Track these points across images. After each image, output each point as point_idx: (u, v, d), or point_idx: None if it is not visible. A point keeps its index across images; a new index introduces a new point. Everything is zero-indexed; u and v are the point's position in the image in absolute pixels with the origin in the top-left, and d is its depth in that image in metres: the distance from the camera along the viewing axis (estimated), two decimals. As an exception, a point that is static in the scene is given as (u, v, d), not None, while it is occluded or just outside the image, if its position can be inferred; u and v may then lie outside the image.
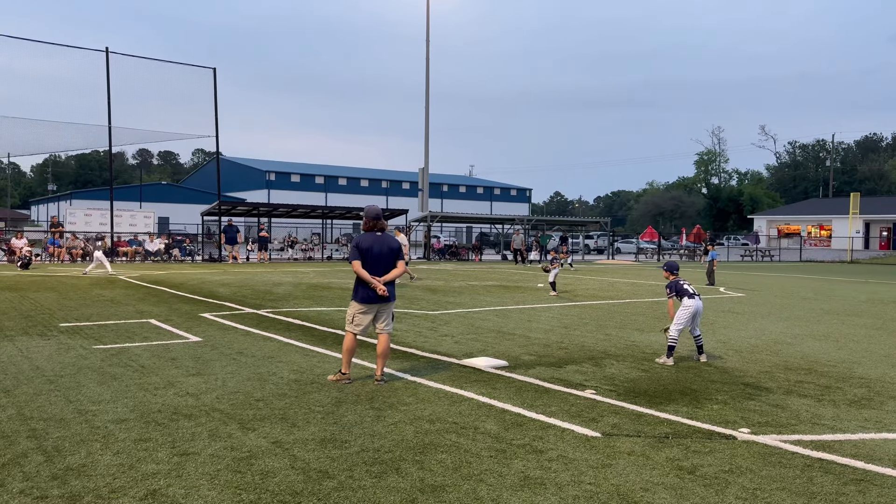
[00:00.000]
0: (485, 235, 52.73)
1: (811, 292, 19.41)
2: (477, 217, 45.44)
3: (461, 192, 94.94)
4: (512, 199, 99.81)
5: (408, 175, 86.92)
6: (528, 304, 14.61)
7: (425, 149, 39.34)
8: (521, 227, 39.06)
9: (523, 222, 41.53)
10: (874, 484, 4.31)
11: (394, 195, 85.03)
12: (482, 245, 43.85)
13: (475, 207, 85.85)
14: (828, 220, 65.71)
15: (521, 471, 4.40)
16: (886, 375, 7.71)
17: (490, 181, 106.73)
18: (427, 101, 38.98)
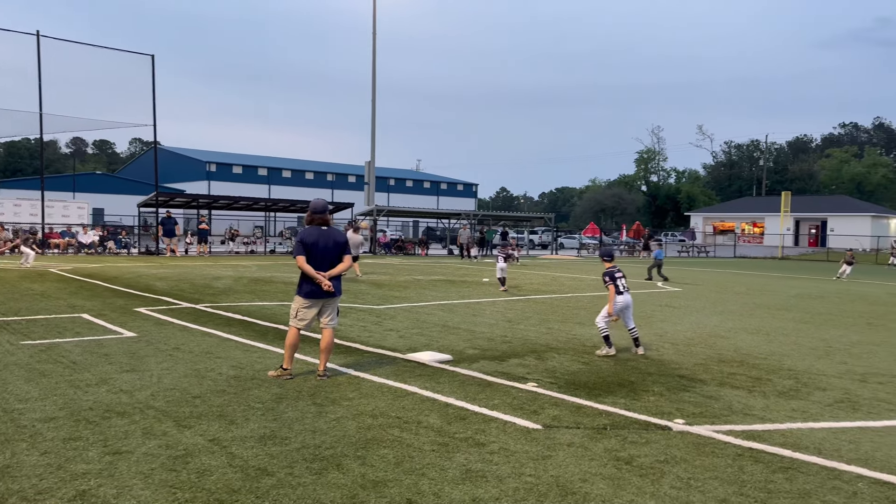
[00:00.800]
0: (431, 230, 52.79)
1: (744, 287, 20.12)
2: (423, 211, 45.45)
3: (408, 186, 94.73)
4: (458, 193, 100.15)
5: (354, 168, 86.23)
6: (473, 298, 14.69)
7: (372, 142, 39.09)
8: (468, 222, 39.24)
9: (469, 217, 41.73)
10: (800, 472, 4.50)
11: (340, 188, 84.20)
12: (428, 239, 43.89)
13: (422, 202, 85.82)
14: (760, 218, 68.26)
15: (462, 464, 4.42)
16: (813, 367, 8.05)
17: (437, 176, 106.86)
18: (373, 94, 38.71)
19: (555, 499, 3.92)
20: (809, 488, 4.20)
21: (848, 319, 12.84)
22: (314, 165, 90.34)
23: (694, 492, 4.10)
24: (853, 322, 12.45)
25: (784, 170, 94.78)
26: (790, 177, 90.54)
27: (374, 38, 38.47)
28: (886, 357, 8.87)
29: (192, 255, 30.25)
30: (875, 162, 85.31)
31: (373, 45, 38.46)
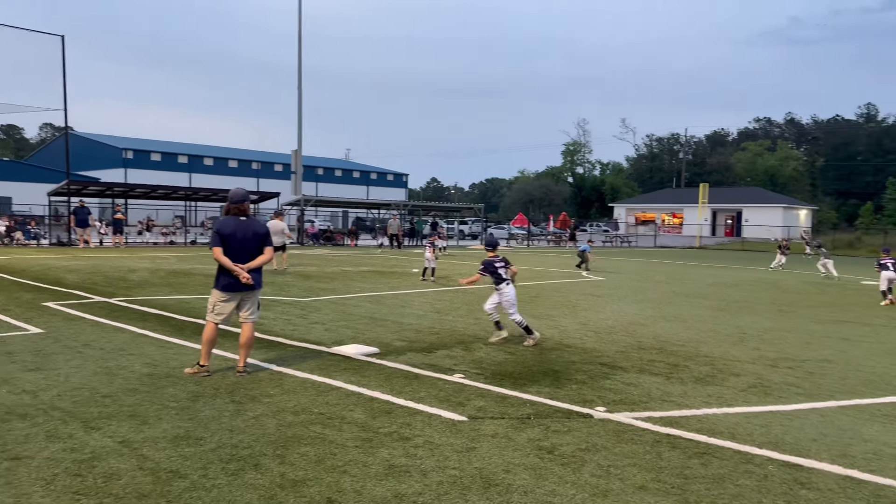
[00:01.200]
0: (361, 220, 52.31)
1: (664, 276, 20.81)
2: (353, 201, 44.98)
3: (337, 175, 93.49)
4: (389, 183, 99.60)
5: (280, 157, 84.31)
6: (402, 289, 14.61)
7: (298, 130, 38.28)
8: (398, 212, 39.06)
9: (400, 207, 41.55)
10: (715, 456, 4.64)
11: (265, 177, 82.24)
12: (358, 230, 43.46)
13: (351, 192, 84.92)
14: (680, 209, 70.80)
15: (386, 459, 4.35)
16: (728, 353, 8.37)
17: (367, 165, 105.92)
18: (300, 80, 37.89)
19: (478, 491, 3.91)
20: (723, 473, 4.34)
21: (761, 306, 13.44)
22: (238, 153, 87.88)
23: (613, 479, 4.17)
24: (766, 309, 13.04)
25: (702, 162, 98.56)
26: (708, 169, 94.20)
27: (300, 23, 37.65)
28: (796, 343, 9.32)
29: (106, 246, 28.91)
30: (786, 155, 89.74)
31: (298, 29, 37.63)
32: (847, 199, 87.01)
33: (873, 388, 6.77)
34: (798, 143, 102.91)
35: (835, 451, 4.80)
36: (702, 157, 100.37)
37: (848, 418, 5.64)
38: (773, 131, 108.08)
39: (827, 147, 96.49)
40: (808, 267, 28.66)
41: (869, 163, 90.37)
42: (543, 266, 23.95)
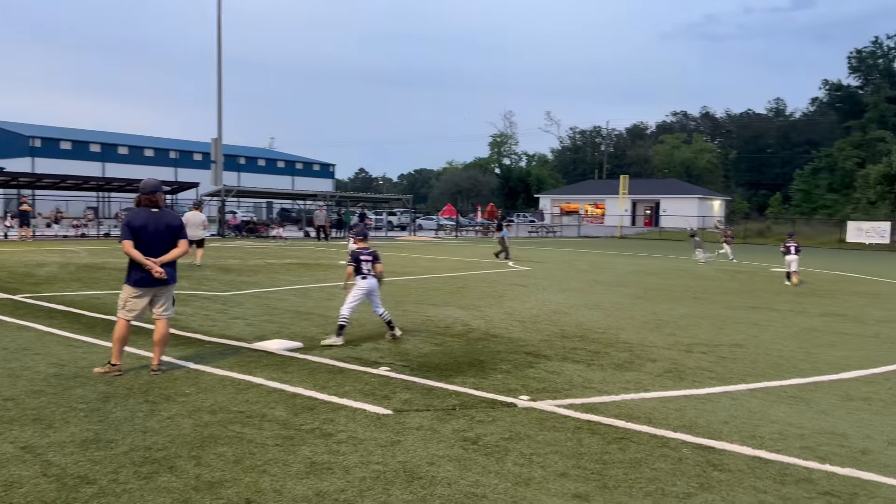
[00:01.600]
0: (286, 211, 51.25)
1: (587, 265, 21.33)
2: (277, 192, 44.00)
3: (260, 165, 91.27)
4: (315, 174, 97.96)
5: (200, 145, 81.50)
6: (329, 282, 14.39)
7: (218, 117, 37.09)
8: (325, 203, 38.48)
9: (326, 198, 40.94)
10: (632, 441, 4.77)
11: (184, 167, 79.39)
12: (283, 221, 42.58)
13: (275, 182, 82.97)
14: (602, 200, 72.74)
15: (308, 457, 4.26)
16: (646, 339, 8.64)
17: (292, 155, 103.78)
18: (219, 65, 36.69)
19: (401, 485, 3.88)
20: (640, 457, 4.47)
21: (676, 294, 13.95)
22: (154, 142, 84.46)
23: (536, 467, 4.22)
24: (681, 296, 13.55)
25: (623, 154, 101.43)
26: (628, 161, 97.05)
27: (220, 5, 36.41)
28: (709, 328, 9.71)
29: (12, 239, 27.27)
30: (702, 148, 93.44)
31: (218, 11, 36.40)
32: (758, 189, 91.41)
33: (780, 370, 7.12)
34: (712, 136, 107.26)
35: (745, 432, 5.02)
36: (622, 150, 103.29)
37: (757, 401, 5.92)
38: (690, 124, 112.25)
39: (739, 140, 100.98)
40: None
41: (777, 155, 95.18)
42: (471, 257, 24.13)
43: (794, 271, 16.49)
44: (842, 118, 72.18)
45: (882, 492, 4.00)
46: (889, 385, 6.60)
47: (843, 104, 72.37)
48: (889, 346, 8.62)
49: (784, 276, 16.95)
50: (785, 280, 16.64)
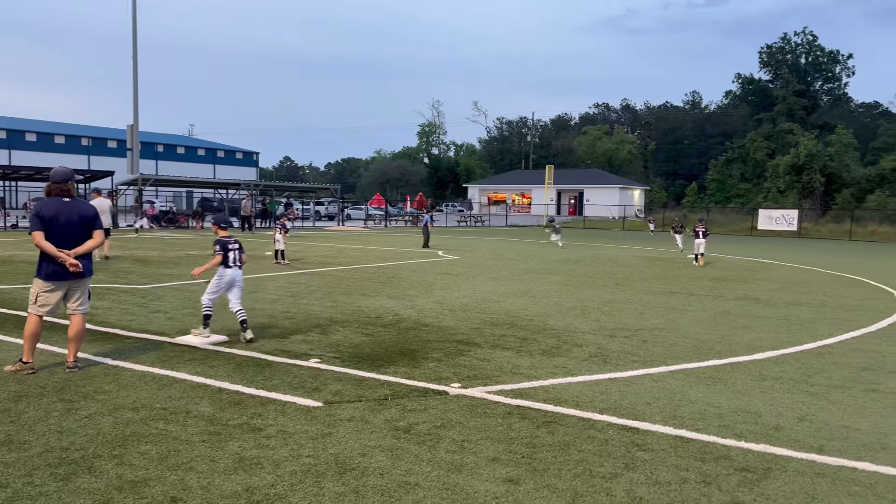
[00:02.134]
0: (207, 201, 49.70)
1: (515, 254, 21.64)
2: (198, 181, 42.57)
3: (179, 153, 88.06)
4: (238, 162, 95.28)
5: (115, 132, 77.85)
6: (253, 273, 14.05)
7: (134, 103, 35.54)
8: (249, 193, 37.52)
9: (250, 187, 39.93)
10: (561, 424, 4.89)
11: (98, 154, 75.72)
12: (204, 211, 41.28)
13: (196, 170, 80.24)
14: (528, 189, 73.90)
15: (236, 452, 4.16)
16: (572, 326, 8.85)
17: (213, 143, 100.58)
18: (134, 48, 35.12)
19: (333, 477, 3.84)
20: (568, 439, 4.58)
21: (600, 280, 14.35)
22: (65, 128, 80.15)
23: (468, 453, 4.27)
24: (604, 283, 13.94)
25: (548, 145, 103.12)
26: (553, 151, 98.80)
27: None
28: (631, 313, 10.03)
29: None
30: (622, 139, 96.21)
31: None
32: (675, 179, 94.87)
33: (698, 353, 7.44)
34: (633, 128, 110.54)
35: (666, 412, 5.23)
36: (548, 140, 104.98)
37: (677, 382, 6.16)
38: (611, 116, 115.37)
39: (658, 131, 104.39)
40: (645, 242, 31.04)
41: (694, 146, 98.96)
42: (401, 246, 24.07)
43: (700, 253, 18.60)
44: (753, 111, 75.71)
45: (793, 465, 4.25)
46: (798, 365, 7.00)
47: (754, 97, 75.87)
48: (798, 328, 9.13)
49: (694, 257, 19.02)
50: (693, 261, 18.88)
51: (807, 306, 11.18)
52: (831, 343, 8.14)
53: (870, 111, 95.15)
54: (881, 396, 5.84)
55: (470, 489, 3.75)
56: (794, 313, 10.41)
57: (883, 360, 7.28)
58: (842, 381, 6.34)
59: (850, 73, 73.49)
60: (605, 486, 3.84)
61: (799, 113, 69.96)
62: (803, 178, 54.02)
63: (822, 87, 74.75)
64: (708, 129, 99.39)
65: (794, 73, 71.53)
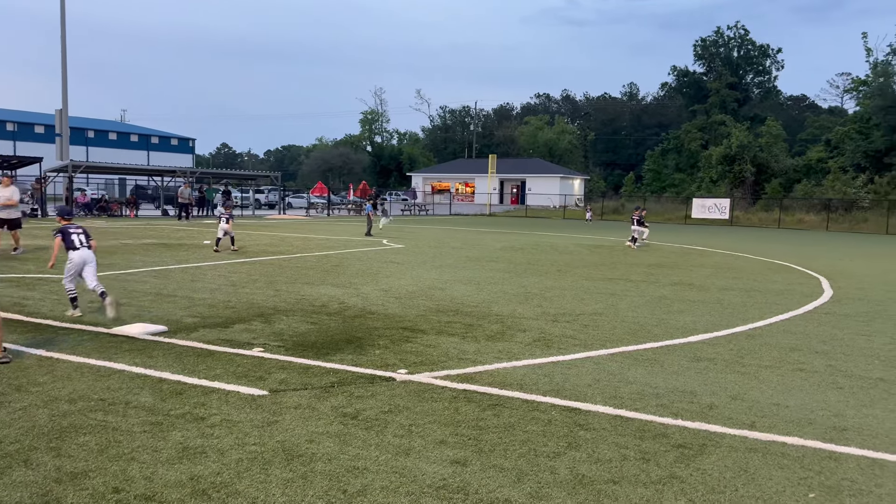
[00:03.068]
0: (141, 188, 48.13)
1: (459, 242, 21.77)
2: (131, 168, 41.11)
3: (111, 139, 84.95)
4: (173, 149, 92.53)
5: (43, 117, 74.49)
6: (192, 262, 13.74)
7: (63, 86, 34.02)
8: (185, 180, 36.51)
9: (186, 174, 38.84)
10: (506, 407, 4.99)
11: (24, 140, 72.37)
12: (138, 199, 39.97)
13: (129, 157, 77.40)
14: (471, 179, 74.28)
15: (179, 442, 4.09)
16: (516, 311, 8.99)
17: (147, 128, 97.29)
18: (63, 30, 33.58)
19: (280, 464, 3.83)
20: (513, 421, 4.68)
21: (542, 268, 14.60)
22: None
23: (415, 437, 4.31)
24: (547, 270, 14.19)
25: (491, 134, 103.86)
26: (496, 141, 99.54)
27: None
28: (572, 299, 10.26)
29: None
30: (563, 129, 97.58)
31: (60, -26, 33.19)
32: (613, 169, 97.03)
33: (636, 336, 7.68)
34: (572, 118, 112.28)
35: (607, 393, 5.39)
36: (490, 130, 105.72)
37: (617, 364, 6.35)
38: (552, 107, 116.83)
39: (597, 122, 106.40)
40: (584, 231, 31.67)
41: (631, 137, 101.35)
42: (345, 235, 23.89)
43: (635, 238, 20.94)
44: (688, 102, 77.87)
45: (726, 441, 4.45)
46: (730, 346, 7.30)
47: (689, 89, 77.97)
48: (730, 312, 9.52)
49: (630, 240, 21.15)
50: (629, 243, 20.90)
51: (738, 291, 11.65)
52: (761, 325, 8.52)
53: (797, 104, 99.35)
54: (808, 375, 6.16)
55: (418, 471, 3.80)
56: (727, 298, 10.84)
57: (809, 341, 7.67)
58: (771, 361, 6.65)
59: (780, 66, 76.28)
60: (549, 465, 3.95)
61: (731, 105, 72.33)
62: (735, 168, 55.96)
63: (753, 80, 77.38)
64: (645, 120, 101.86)
65: (727, 66, 73.85)
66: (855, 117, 56.05)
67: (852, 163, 51.27)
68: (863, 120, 52.73)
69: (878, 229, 38.87)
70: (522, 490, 3.61)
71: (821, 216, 43.50)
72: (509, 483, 3.69)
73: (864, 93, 54.84)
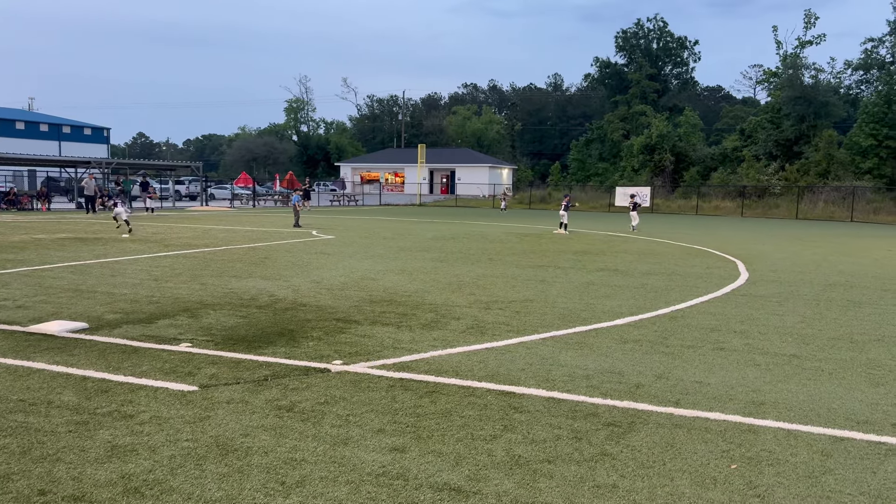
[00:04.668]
0: (53, 180, 45.73)
1: (390, 232, 21.70)
2: (41, 159, 39.02)
3: (18, 129, 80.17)
4: (86, 138, 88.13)
5: (-60, 105, 69.68)
6: (111, 257, 13.20)
7: (-37, 73, 31.86)
8: (88, 171, 34.88)
9: (101, 165, 37.15)
10: (442, 393, 5.04)
11: (-80, 130, 67.47)
12: (50, 192, 37.98)
13: (38, 147, 73.34)
14: (401, 168, 74.06)
15: (108, 441, 3.96)
16: (449, 300, 9.06)
17: (58, 118, 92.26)
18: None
19: (215, 459, 3.76)
20: (450, 407, 4.74)
21: (474, 256, 14.74)
22: None
23: (353, 427, 4.31)
24: (478, 258, 14.34)
25: (420, 124, 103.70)
26: (425, 131, 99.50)
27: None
28: (504, 286, 10.42)
29: None
30: (491, 119, 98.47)
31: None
32: (540, 159, 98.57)
33: (566, 320, 7.88)
34: (500, 109, 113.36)
35: (539, 377, 5.52)
36: (419, 120, 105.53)
37: (548, 348, 6.51)
38: (479, 97, 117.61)
39: (523, 112, 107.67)
40: (515, 219, 32.12)
41: (556, 127, 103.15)
42: (272, 227, 23.42)
43: (564, 223, 22.60)
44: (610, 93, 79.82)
45: (653, 418, 4.64)
46: (655, 328, 7.59)
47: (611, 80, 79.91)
48: (653, 295, 9.88)
49: (560, 226, 22.75)
50: (558, 229, 22.51)
51: (660, 275, 12.10)
52: (683, 308, 8.90)
53: (713, 95, 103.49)
54: (727, 354, 6.48)
55: (357, 460, 3.80)
56: (650, 282, 11.24)
57: (728, 321, 8.06)
58: (693, 341, 6.96)
59: (697, 58, 79.07)
60: (486, 448, 4.02)
61: (651, 96, 74.60)
62: (655, 157, 57.90)
63: (672, 72, 79.98)
64: (569, 110, 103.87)
65: (647, 57, 76.06)
66: (767, 107, 58.80)
67: (765, 151, 53.84)
68: (774, 110, 55.39)
69: (789, 214, 41.11)
70: (461, 473, 3.67)
71: (736, 202, 45.61)
72: (448, 467, 3.74)
73: (775, 84, 57.54)
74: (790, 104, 53.14)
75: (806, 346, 6.80)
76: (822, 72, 55.85)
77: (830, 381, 5.61)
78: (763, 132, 55.08)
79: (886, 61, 52.37)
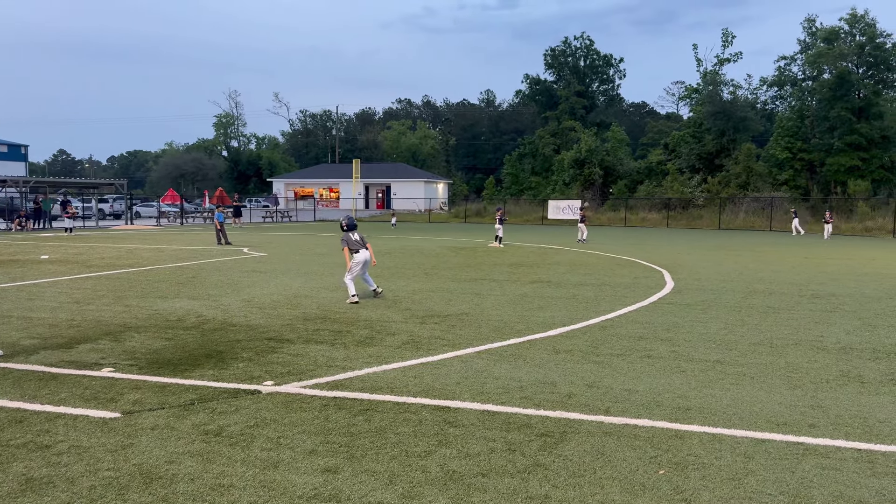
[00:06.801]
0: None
1: (325, 249, 21.44)
2: (-49, 178, 36.85)
3: (-74, 146, 75.64)
4: (2, 156, 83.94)
5: None
6: (28, 280, 12.56)
7: None
8: (18, 190, 33.24)
9: (19, 184, 35.39)
10: (377, 411, 4.99)
11: None
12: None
13: (-52, 166, 69.41)
14: (336, 184, 73.43)
15: (22, 473, 3.74)
16: (384, 316, 9.01)
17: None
18: None
19: (138, 488, 3.60)
20: (385, 424, 4.69)
21: (409, 271, 14.72)
22: None
23: (284, 449, 4.21)
24: (414, 273, 14.32)
25: (354, 139, 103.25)
26: (359, 146, 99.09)
27: None
28: (440, 300, 10.43)
29: None
30: (425, 134, 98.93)
31: None
32: (474, 173, 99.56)
33: (501, 333, 7.94)
34: (434, 124, 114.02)
35: (474, 390, 5.54)
36: (353, 134, 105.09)
37: (483, 361, 6.54)
38: (414, 112, 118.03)
39: (457, 127, 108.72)
40: (451, 233, 32.26)
41: (490, 142, 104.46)
42: (201, 245, 22.78)
43: (499, 237, 22.78)
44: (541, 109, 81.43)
45: (585, 427, 4.72)
46: (586, 338, 7.74)
47: (541, 97, 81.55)
48: (584, 306, 10.08)
49: (495, 238, 23.03)
50: (493, 243, 22.80)
51: (591, 286, 12.37)
52: (612, 317, 9.11)
53: (638, 110, 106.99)
54: (654, 361, 6.66)
55: (287, 483, 3.71)
56: (581, 293, 11.47)
57: (654, 329, 8.30)
58: (622, 350, 7.13)
59: (622, 75, 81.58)
60: (420, 464, 4.00)
61: (580, 111, 76.48)
62: (584, 171, 59.27)
63: (599, 88, 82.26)
64: (502, 125, 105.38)
65: (575, 74, 78.06)
66: (689, 122, 61.21)
67: (688, 164, 55.92)
68: (696, 125, 57.67)
69: (712, 225, 42.80)
70: (395, 491, 3.63)
71: (662, 214, 47.17)
72: (381, 486, 3.70)
73: (696, 100, 59.98)
74: (711, 119, 55.44)
75: (729, 352, 7.07)
76: (739, 88, 58.56)
77: (752, 385, 5.83)
78: (686, 146, 57.21)
79: (798, 78, 55.28)
